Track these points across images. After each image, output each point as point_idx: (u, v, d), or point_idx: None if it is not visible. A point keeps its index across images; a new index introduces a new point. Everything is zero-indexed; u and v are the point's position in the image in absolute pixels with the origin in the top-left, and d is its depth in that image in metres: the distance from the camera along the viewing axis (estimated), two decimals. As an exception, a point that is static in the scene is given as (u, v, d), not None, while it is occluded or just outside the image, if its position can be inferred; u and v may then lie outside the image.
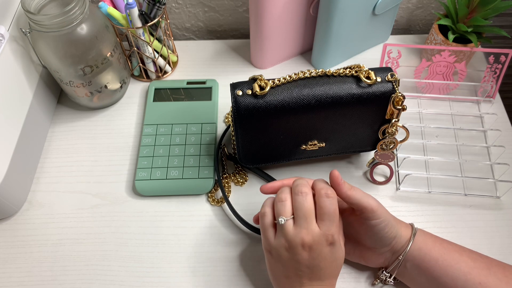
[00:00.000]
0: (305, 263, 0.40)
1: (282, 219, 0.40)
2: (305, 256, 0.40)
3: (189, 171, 0.55)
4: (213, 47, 0.71)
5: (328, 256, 0.40)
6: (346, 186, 0.41)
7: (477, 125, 0.61)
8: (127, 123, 0.62)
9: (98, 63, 0.56)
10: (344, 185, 0.41)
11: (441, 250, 0.43)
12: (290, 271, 0.41)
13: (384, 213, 0.42)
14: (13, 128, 0.53)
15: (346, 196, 0.41)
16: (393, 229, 0.43)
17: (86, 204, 0.55)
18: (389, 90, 0.46)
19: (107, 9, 0.56)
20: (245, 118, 0.46)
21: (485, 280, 0.41)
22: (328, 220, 0.40)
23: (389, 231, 0.42)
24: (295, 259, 0.40)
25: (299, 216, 0.40)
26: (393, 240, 0.43)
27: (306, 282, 0.40)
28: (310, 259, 0.40)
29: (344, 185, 0.41)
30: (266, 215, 0.43)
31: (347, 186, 0.42)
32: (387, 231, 0.42)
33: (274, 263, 0.42)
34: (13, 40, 0.53)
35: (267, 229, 0.42)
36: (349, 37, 0.64)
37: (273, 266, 0.43)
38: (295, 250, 0.40)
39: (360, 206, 0.41)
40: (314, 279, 0.40)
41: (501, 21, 0.75)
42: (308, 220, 0.40)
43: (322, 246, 0.40)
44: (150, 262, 0.50)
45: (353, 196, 0.41)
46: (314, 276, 0.40)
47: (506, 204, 0.54)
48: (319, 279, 0.40)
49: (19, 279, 0.49)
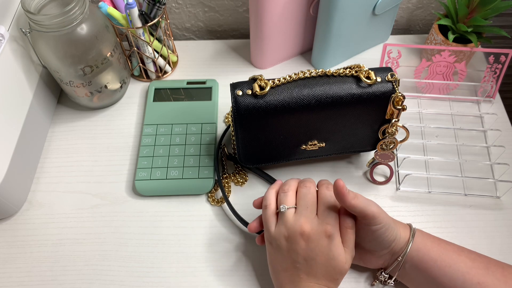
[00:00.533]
0: (302, 254, 0.41)
1: (284, 207, 0.43)
2: (302, 245, 0.41)
3: (189, 171, 0.55)
4: (213, 47, 0.71)
5: (325, 250, 0.40)
6: (350, 196, 0.41)
7: (477, 125, 0.61)
8: (127, 123, 0.62)
9: (98, 63, 0.56)
10: (349, 195, 0.41)
11: (439, 250, 0.43)
12: (288, 263, 0.42)
13: (385, 218, 0.42)
14: (13, 128, 0.53)
15: (351, 206, 0.41)
16: (393, 232, 0.43)
17: (86, 204, 0.55)
18: (389, 90, 0.46)
19: (107, 9, 0.56)
20: (245, 118, 0.46)
21: (483, 280, 0.41)
22: (327, 210, 0.42)
23: (389, 235, 0.42)
24: (293, 249, 0.41)
25: (301, 205, 0.42)
26: (393, 242, 0.43)
27: (303, 278, 0.41)
28: (307, 249, 0.41)
29: (349, 194, 0.41)
30: (269, 205, 0.44)
31: (351, 195, 0.41)
32: (387, 235, 0.42)
33: (274, 254, 0.43)
34: (13, 40, 0.53)
35: (269, 218, 0.44)
36: (349, 37, 0.64)
37: (273, 258, 0.43)
38: (293, 239, 0.41)
39: (363, 214, 0.41)
40: (311, 275, 0.41)
41: (501, 21, 0.75)
42: (309, 209, 0.42)
43: (320, 236, 0.41)
44: (150, 262, 0.50)
45: (358, 205, 0.41)
46: (311, 272, 0.41)
47: (506, 204, 0.54)
48: (315, 276, 0.41)
49: (19, 279, 0.49)
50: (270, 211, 0.44)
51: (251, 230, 0.47)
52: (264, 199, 0.45)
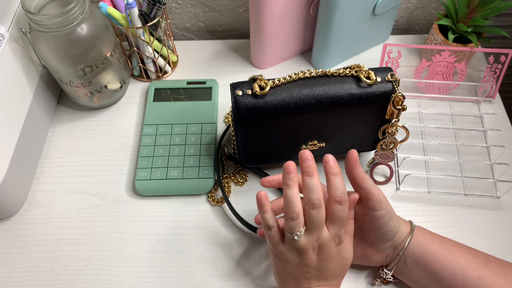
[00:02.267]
0: (313, 266, 0.40)
1: (297, 236, 0.39)
2: (314, 259, 0.40)
3: (189, 171, 0.55)
4: (213, 47, 0.71)
5: (336, 256, 0.40)
6: (360, 168, 0.42)
7: (477, 125, 0.61)
8: (127, 123, 0.62)
9: (98, 63, 0.56)
10: (359, 167, 0.42)
11: (440, 245, 0.43)
12: (298, 274, 0.41)
13: (389, 205, 0.43)
14: (13, 128, 0.53)
15: (360, 177, 0.42)
16: (396, 223, 0.43)
17: (86, 204, 0.55)
18: (389, 90, 0.46)
19: (107, 9, 0.56)
20: (245, 118, 0.46)
21: (483, 274, 0.41)
22: (338, 224, 0.39)
23: (392, 225, 0.43)
24: (305, 263, 0.40)
25: (312, 227, 0.39)
26: (396, 235, 0.44)
27: (313, 283, 0.40)
28: (318, 261, 0.40)
29: (359, 167, 0.42)
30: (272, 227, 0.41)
31: (361, 168, 0.42)
32: (391, 225, 0.43)
33: (281, 267, 0.41)
34: (13, 40, 0.53)
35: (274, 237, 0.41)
36: (349, 37, 0.64)
37: (280, 270, 0.42)
38: (305, 255, 0.39)
39: (368, 192, 0.42)
40: (321, 279, 0.41)
41: (501, 21, 0.75)
42: (320, 228, 0.39)
43: (330, 247, 0.40)
44: (150, 262, 0.50)
45: (366, 180, 0.42)
46: (321, 277, 0.40)
47: (506, 204, 0.54)
48: (325, 279, 0.41)
49: (19, 279, 0.49)
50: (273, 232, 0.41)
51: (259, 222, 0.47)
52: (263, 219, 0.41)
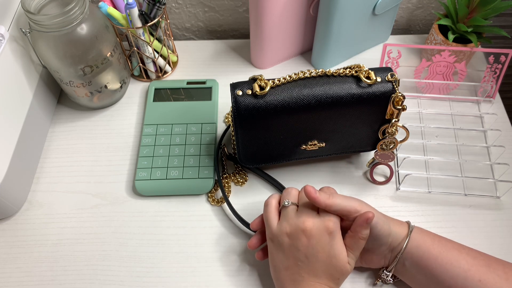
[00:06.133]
0: (303, 251, 0.41)
1: (288, 201, 0.44)
2: (304, 242, 0.41)
3: (189, 171, 0.55)
4: (213, 47, 0.71)
5: (327, 247, 0.41)
6: (323, 197, 0.41)
7: (477, 125, 0.61)
8: (127, 123, 0.62)
9: (98, 63, 0.56)
10: (321, 196, 0.41)
11: (440, 247, 0.43)
12: (290, 260, 0.42)
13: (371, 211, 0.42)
14: (13, 128, 0.53)
15: (326, 206, 0.41)
16: (385, 225, 0.43)
17: (86, 204, 0.55)
18: (389, 90, 0.46)
19: (107, 9, 0.56)
20: (245, 118, 0.46)
21: (485, 277, 0.41)
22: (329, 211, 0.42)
23: (382, 228, 0.42)
24: (295, 245, 0.41)
25: (303, 203, 0.43)
26: (389, 237, 0.43)
27: (305, 276, 0.41)
28: (309, 246, 0.41)
29: (321, 195, 0.41)
30: (270, 203, 0.45)
31: (324, 196, 0.41)
32: (380, 228, 0.42)
33: (275, 252, 0.43)
34: (13, 40, 0.53)
35: (270, 214, 0.44)
36: (349, 37, 0.64)
37: (274, 256, 0.43)
38: (295, 235, 0.41)
39: (344, 211, 0.42)
40: (312, 274, 0.41)
41: (501, 21, 0.75)
42: (311, 208, 0.42)
43: (321, 233, 0.41)
44: (150, 262, 0.50)
45: (333, 204, 0.41)
46: (312, 270, 0.41)
47: (506, 204, 0.54)
48: (316, 275, 0.41)
49: (19, 279, 0.49)
50: (272, 207, 0.45)
51: (251, 246, 0.47)
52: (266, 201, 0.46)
